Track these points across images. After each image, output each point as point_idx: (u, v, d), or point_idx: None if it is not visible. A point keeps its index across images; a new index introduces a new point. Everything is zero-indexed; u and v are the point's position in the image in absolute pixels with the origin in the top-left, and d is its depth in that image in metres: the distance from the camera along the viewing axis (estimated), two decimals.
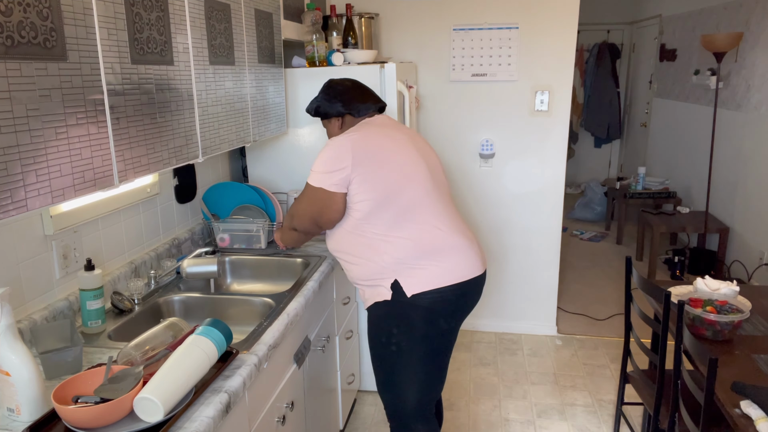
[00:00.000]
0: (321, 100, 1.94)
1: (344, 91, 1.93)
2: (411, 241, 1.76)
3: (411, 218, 1.78)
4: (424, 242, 1.77)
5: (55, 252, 1.63)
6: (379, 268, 1.79)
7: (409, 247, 1.76)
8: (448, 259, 1.78)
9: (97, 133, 1.27)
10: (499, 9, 3.18)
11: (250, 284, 2.26)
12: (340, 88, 1.94)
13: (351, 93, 1.93)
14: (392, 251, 1.77)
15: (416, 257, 1.76)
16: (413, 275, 1.76)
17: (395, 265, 1.77)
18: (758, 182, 3.93)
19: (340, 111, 1.93)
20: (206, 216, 2.40)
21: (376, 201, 1.75)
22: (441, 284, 1.77)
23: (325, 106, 1.94)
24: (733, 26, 4.32)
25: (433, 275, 1.76)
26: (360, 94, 1.94)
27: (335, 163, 1.75)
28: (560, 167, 3.35)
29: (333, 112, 1.94)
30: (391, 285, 1.78)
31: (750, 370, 1.71)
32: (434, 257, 1.77)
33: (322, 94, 1.95)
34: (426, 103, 3.41)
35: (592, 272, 4.65)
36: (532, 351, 3.41)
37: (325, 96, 1.94)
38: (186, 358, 1.27)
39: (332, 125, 1.97)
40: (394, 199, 1.76)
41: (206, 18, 1.76)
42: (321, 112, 1.96)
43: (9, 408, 1.20)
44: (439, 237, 1.79)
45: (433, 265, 1.77)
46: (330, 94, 1.93)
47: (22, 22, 1.05)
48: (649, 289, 2.12)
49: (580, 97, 7.15)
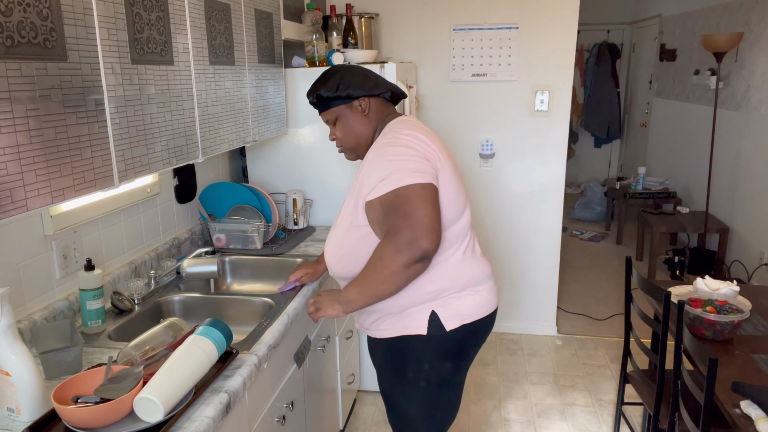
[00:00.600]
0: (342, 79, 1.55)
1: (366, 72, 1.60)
2: (456, 270, 1.53)
3: (460, 243, 1.55)
4: (467, 272, 1.56)
5: (55, 252, 1.63)
6: (414, 298, 1.52)
7: (453, 277, 1.53)
8: (484, 289, 1.60)
9: (97, 133, 1.27)
10: (499, 9, 3.18)
11: (250, 284, 2.26)
12: (359, 70, 1.60)
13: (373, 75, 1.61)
14: (435, 281, 1.51)
15: (458, 288, 1.54)
16: (452, 306, 1.53)
17: (436, 293, 1.52)
18: (758, 182, 3.93)
19: (371, 90, 1.55)
20: (203, 216, 2.40)
21: (453, 214, 1.51)
22: (477, 316, 1.57)
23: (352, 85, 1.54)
24: (733, 26, 4.32)
25: (471, 307, 1.56)
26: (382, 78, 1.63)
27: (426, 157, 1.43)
28: (560, 167, 3.35)
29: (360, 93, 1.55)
30: (429, 317, 1.52)
31: (750, 370, 1.71)
32: (473, 287, 1.57)
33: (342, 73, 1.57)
34: (426, 103, 3.41)
35: (592, 272, 4.65)
36: (532, 351, 3.41)
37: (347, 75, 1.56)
38: (186, 358, 1.27)
39: (353, 113, 1.58)
40: (458, 217, 1.53)
41: (206, 18, 1.76)
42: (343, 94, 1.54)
43: (9, 408, 1.20)
44: (477, 265, 1.59)
45: (471, 296, 1.56)
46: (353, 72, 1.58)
47: (22, 22, 1.05)
48: (649, 289, 2.12)
49: (580, 97, 7.15)
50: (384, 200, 1.41)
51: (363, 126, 1.60)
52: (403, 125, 1.54)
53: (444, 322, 1.52)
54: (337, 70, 1.58)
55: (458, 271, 1.54)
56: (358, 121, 1.59)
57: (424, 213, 1.36)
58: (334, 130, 1.63)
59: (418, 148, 1.44)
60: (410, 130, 1.50)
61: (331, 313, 1.56)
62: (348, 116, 1.59)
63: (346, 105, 1.57)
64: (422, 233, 1.35)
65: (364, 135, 1.61)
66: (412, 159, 1.41)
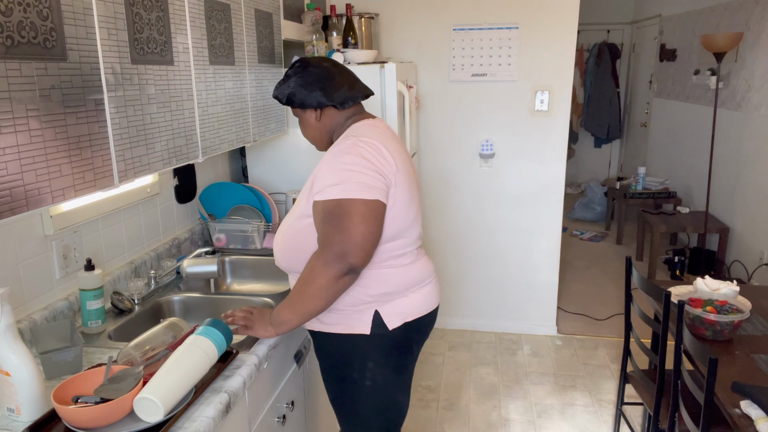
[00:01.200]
0: (295, 87, 1.56)
1: (324, 76, 1.56)
2: (401, 273, 1.55)
3: (409, 250, 1.58)
4: (412, 273, 1.58)
5: (55, 252, 1.63)
6: (357, 299, 1.52)
7: (399, 281, 1.54)
8: (426, 286, 1.62)
9: (97, 133, 1.27)
10: (499, 9, 3.18)
11: (250, 284, 2.26)
12: (318, 72, 1.56)
13: (333, 79, 1.56)
14: (380, 285, 1.52)
15: (402, 289, 1.55)
16: (395, 306, 1.54)
17: (382, 295, 1.53)
18: (758, 182, 3.93)
19: (321, 102, 1.55)
20: (203, 216, 2.40)
21: (401, 226, 1.51)
22: (420, 313, 1.59)
23: (301, 95, 1.55)
24: (733, 26, 4.32)
25: (413, 305, 1.57)
26: (344, 81, 1.58)
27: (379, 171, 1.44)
28: (560, 167, 3.35)
29: (311, 103, 1.55)
30: (372, 317, 1.53)
31: (750, 370, 1.71)
32: (416, 286, 1.59)
33: (297, 78, 1.56)
34: (426, 103, 3.41)
35: (592, 272, 4.65)
36: (532, 351, 3.41)
37: (301, 81, 1.55)
38: (186, 358, 1.27)
39: (307, 117, 1.60)
40: (408, 227, 1.54)
41: (206, 18, 1.76)
42: (295, 102, 1.57)
43: (9, 408, 1.20)
44: (421, 265, 1.62)
45: (414, 294, 1.58)
46: (306, 79, 1.55)
47: (22, 22, 1.05)
48: (649, 289, 2.12)
49: (580, 97, 7.15)
50: (326, 206, 1.42)
51: (316, 130, 1.62)
52: (366, 130, 1.53)
53: (386, 321, 1.53)
54: (294, 75, 1.57)
55: (404, 275, 1.56)
56: (312, 126, 1.62)
57: (358, 230, 1.38)
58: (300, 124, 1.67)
59: (374, 161, 1.44)
60: (371, 139, 1.48)
61: (262, 334, 1.52)
62: (303, 118, 1.62)
63: (301, 109, 1.60)
64: (352, 249, 1.37)
65: (318, 137, 1.64)
66: (364, 172, 1.41)
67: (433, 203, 3.55)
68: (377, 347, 1.56)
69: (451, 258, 3.61)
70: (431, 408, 2.85)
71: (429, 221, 3.59)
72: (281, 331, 1.52)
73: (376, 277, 1.52)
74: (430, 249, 3.63)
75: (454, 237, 3.58)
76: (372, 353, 1.57)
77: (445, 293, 3.69)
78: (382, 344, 1.56)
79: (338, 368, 1.62)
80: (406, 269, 1.57)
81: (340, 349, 1.59)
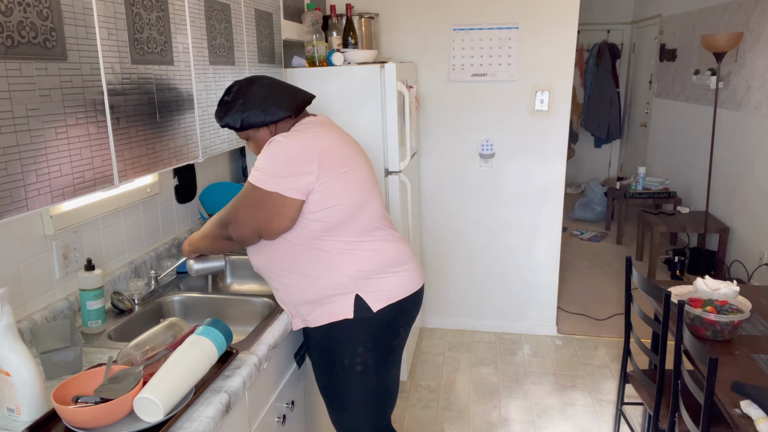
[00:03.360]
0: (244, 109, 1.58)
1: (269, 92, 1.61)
2: (375, 252, 1.63)
3: (373, 230, 1.65)
4: (387, 254, 1.65)
5: (55, 252, 1.63)
6: (335, 285, 1.60)
7: (373, 260, 1.62)
8: (406, 268, 1.69)
9: (97, 133, 1.27)
10: (499, 9, 3.18)
11: (250, 284, 2.26)
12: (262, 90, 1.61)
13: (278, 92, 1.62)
14: (354, 265, 1.60)
15: (379, 270, 1.63)
16: (377, 288, 1.62)
17: (357, 280, 1.60)
18: (758, 182, 3.93)
19: (278, 116, 1.60)
20: (203, 216, 2.40)
21: (345, 213, 1.58)
22: (403, 294, 1.66)
23: (256, 116, 1.58)
24: (733, 26, 4.32)
25: (395, 286, 1.65)
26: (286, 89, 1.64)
27: (298, 166, 1.51)
28: (560, 167, 3.35)
29: (270, 119, 1.60)
30: (354, 301, 1.61)
31: (750, 370, 1.71)
32: (395, 268, 1.66)
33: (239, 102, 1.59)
34: (426, 103, 3.41)
35: (592, 272, 4.65)
36: (532, 351, 3.41)
37: (247, 103, 1.58)
38: (186, 358, 1.27)
39: (261, 135, 1.63)
40: (360, 211, 1.62)
41: (206, 18, 1.76)
42: (254, 124, 1.59)
43: (9, 408, 1.20)
44: (397, 248, 1.69)
45: (395, 276, 1.65)
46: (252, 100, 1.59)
47: (22, 22, 1.05)
48: (649, 289, 2.12)
49: (580, 97, 7.15)
50: (245, 184, 1.59)
51: None
52: (305, 126, 1.62)
53: (370, 304, 1.62)
54: (237, 99, 1.60)
55: (377, 255, 1.63)
56: (267, 139, 1.64)
57: (244, 212, 1.55)
58: (248, 143, 1.71)
59: (294, 155, 1.52)
60: (307, 133, 1.57)
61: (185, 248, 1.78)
62: (257, 137, 1.65)
63: (254, 129, 1.64)
64: (234, 224, 1.58)
65: None
66: (279, 164, 1.51)
67: (433, 203, 3.55)
68: (365, 331, 1.63)
69: (451, 258, 3.61)
70: (431, 408, 2.85)
71: (429, 221, 3.59)
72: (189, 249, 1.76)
73: (348, 258, 1.60)
74: (431, 249, 3.63)
75: (454, 237, 3.58)
76: (360, 337, 1.64)
77: (445, 293, 3.69)
78: (369, 327, 1.63)
79: (329, 356, 1.68)
80: (377, 251, 1.64)
81: (329, 338, 1.66)
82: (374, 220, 1.67)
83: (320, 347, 1.69)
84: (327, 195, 1.55)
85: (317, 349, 1.70)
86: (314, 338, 1.69)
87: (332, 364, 1.68)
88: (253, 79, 1.63)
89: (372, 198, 1.67)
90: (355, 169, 1.63)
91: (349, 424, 1.74)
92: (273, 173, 1.51)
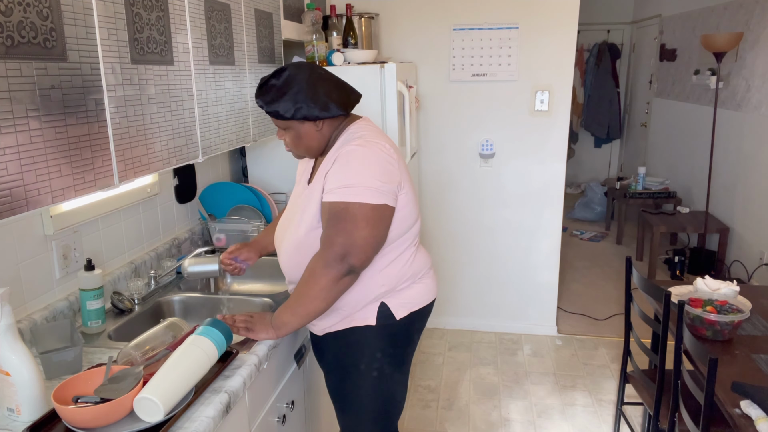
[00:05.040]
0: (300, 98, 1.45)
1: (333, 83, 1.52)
2: (405, 266, 1.59)
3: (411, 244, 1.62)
4: (414, 265, 1.62)
5: (55, 252, 1.63)
6: (366, 296, 1.55)
7: (404, 272, 1.58)
8: (426, 277, 1.67)
9: (97, 133, 1.27)
10: (499, 9, 3.18)
11: (250, 284, 2.26)
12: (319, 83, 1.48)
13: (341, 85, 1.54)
14: (389, 275, 1.55)
15: (405, 279, 1.59)
16: (400, 297, 1.59)
17: (386, 289, 1.56)
18: (758, 182, 3.93)
19: (334, 112, 1.49)
20: (203, 216, 2.40)
21: (409, 223, 1.56)
22: (423, 303, 1.65)
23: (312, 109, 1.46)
24: (733, 26, 4.32)
25: (417, 294, 1.62)
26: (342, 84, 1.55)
27: (390, 175, 1.45)
28: (560, 167, 3.35)
29: (323, 114, 1.48)
30: (378, 308, 1.56)
31: (750, 370, 1.71)
32: (419, 275, 1.64)
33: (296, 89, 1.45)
34: (426, 103, 3.41)
35: (592, 272, 4.65)
36: (532, 351, 3.41)
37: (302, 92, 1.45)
38: (186, 358, 1.27)
39: (306, 128, 1.51)
40: (412, 224, 1.59)
41: (206, 18, 1.76)
42: (305, 116, 1.47)
43: (9, 408, 1.20)
44: (423, 255, 1.68)
45: (416, 285, 1.63)
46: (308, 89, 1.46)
47: (22, 22, 1.05)
48: (649, 289, 2.12)
49: (580, 97, 7.15)
50: (333, 207, 1.43)
51: (315, 141, 1.55)
52: (367, 132, 1.52)
53: (394, 311, 1.58)
54: (292, 87, 1.46)
55: (407, 267, 1.60)
56: (311, 137, 1.53)
57: (362, 234, 1.41)
58: (283, 133, 1.56)
59: (383, 163, 1.45)
60: (378, 140, 1.49)
61: (263, 337, 1.52)
62: (300, 130, 1.52)
63: (299, 122, 1.50)
64: (354, 251, 1.41)
65: (315, 147, 1.56)
66: (375, 175, 1.43)
67: (433, 203, 3.55)
68: (384, 337, 1.59)
69: (451, 258, 3.61)
70: (431, 408, 2.85)
71: (429, 221, 3.59)
72: (282, 334, 1.52)
73: (379, 276, 1.55)
74: (431, 249, 3.63)
75: (454, 237, 3.58)
76: (380, 343, 1.59)
77: (445, 293, 3.69)
78: (389, 334, 1.59)
79: (344, 360, 1.63)
80: (408, 263, 1.61)
81: (343, 343, 1.61)
82: (415, 236, 1.64)
83: (337, 351, 1.63)
84: (404, 204, 1.52)
85: (333, 352, 1.65)
86: (330, 342, 1.63)
87: (347, 369, 1.63)
88: (305, 66, 1.50)
89: (419, 216, 1.66)
90: (413, 187, 1.61)
91: (358, 429, 1.70)
92: (373, 186, 1.41)
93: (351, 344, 1.60)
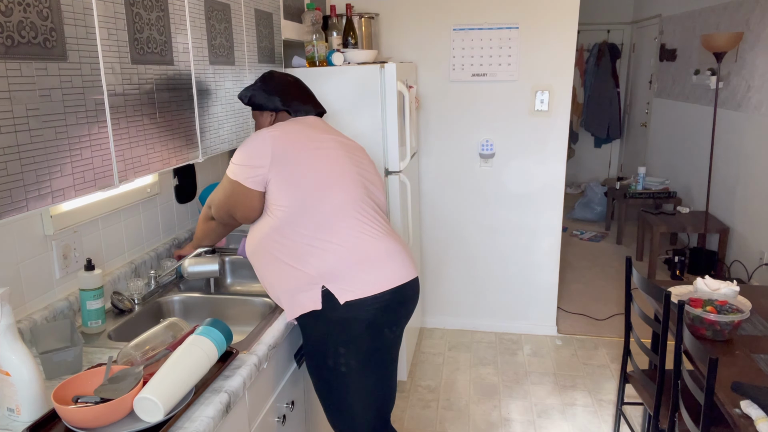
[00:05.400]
0: (257, 90, 1.79)
1: (286, 86, 1.80)
2: (342, 247, 1.61)
3: (338, 224, 1.62)
4: (357, 249, 1.62)
5: (55, 252, 1.63)
6: (304, 276, 1.61)
7: (341, 254, 1.60)
8: (383, 264, 1.64)
9: (97, 133, 1.27)
10: (499, 9, 3.18)
11: (250, 284, 2.26)
12: (282, 82, 1.81)
13: (292, 90, 1.81)
14: (320, 258, 1.60)
15: (348, 265, 1.60)
16: (345, 282, 1.60)
17: (324, 273, 1.60)
18: (758, 182, 3.93)
19: (277, 106, 1.79)
20: None
21: (295, 206, 1.61)
22: (378, 290, 1.61)
23: (261, 98, 1.79)
24: (733, 26, 4.32)
25: (368, 282, 1.61)
26: (301, 94, 1.82)
27: (253, 159, 1.63)
28: (560, 167, 3.35)
29: (269, 106, 1.79)
30: (321, 293, 1.60)
31: (750, 370, 1.71)
32: (367, 264, 1.62)
33: (261, 83, 1.80)
34: (426, 103, 3.41)
35: (592, 272, 4.65)
36: (532, 351, 3.41)
37: (264, 86, 1.79)
38: (186, 358, 1.27)
39: (263, 119, 1.82)
40: (315, 204, 1.62)
41: (206, 18, 1.76)
42: (255, 103, 1.80)
43: (9, 408, 1.20)
44: (370, 243, 1.64)
45: (367, 272, 1.61)
46: (269, 86, 1.79)
47: (22, 22, 1.05)
48: (649, 289, 2.12)
49: (580, 97, 7.15)
50: None
51: None
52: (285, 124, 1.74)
53: (337, 296, 1.60)
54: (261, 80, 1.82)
55: (344, 251, 1.61)
56: (265, 125, 1.83)
57: (219, 196, 1.72)
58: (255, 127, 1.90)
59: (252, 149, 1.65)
60: (274, 129, 1.68)
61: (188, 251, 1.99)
62: (258, 120, 1.85)
63: (258, 112, 1.83)
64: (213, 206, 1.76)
65: None
66: (242, 156, 1.65)
67: (433, 203, 3.55)
68: (337, 324, 1.61)
69: (451, 258, 3.61)
70: (431, 408, 2.85)
71: (429, 221, 3.59)
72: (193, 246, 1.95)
73: (313, 251, 1.61)
74: (431, 249, 3.63)
75: (454, 237, 3.58)
76: (339, 337, 1.63)
77: (445, 293, 3.69)
78: (340, 320, 1.61)
79: (316, 357, 1.68)
80: (345, 247, 1.62)
81: (306, 334, 1.68)
82: (338, 212, 1.63)
83: (308, 347, 1.69)
84: (280, 188, 1.62)
85: (306, 348, 1.71)
86: (304, 336, 1.70)
87: (319, 366, 1.68)
88: (287, 74, 1.86)
89: (334, 190, 1.65)
90: (312, 163, 1.65)
91: (342, 425, 1.72)
92: (237, 163, 1.65)
93: (309, 334, 1.67)
